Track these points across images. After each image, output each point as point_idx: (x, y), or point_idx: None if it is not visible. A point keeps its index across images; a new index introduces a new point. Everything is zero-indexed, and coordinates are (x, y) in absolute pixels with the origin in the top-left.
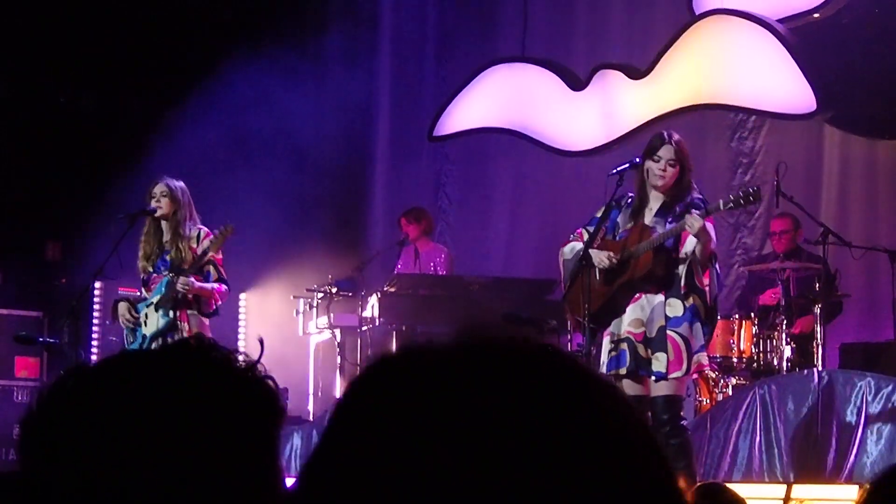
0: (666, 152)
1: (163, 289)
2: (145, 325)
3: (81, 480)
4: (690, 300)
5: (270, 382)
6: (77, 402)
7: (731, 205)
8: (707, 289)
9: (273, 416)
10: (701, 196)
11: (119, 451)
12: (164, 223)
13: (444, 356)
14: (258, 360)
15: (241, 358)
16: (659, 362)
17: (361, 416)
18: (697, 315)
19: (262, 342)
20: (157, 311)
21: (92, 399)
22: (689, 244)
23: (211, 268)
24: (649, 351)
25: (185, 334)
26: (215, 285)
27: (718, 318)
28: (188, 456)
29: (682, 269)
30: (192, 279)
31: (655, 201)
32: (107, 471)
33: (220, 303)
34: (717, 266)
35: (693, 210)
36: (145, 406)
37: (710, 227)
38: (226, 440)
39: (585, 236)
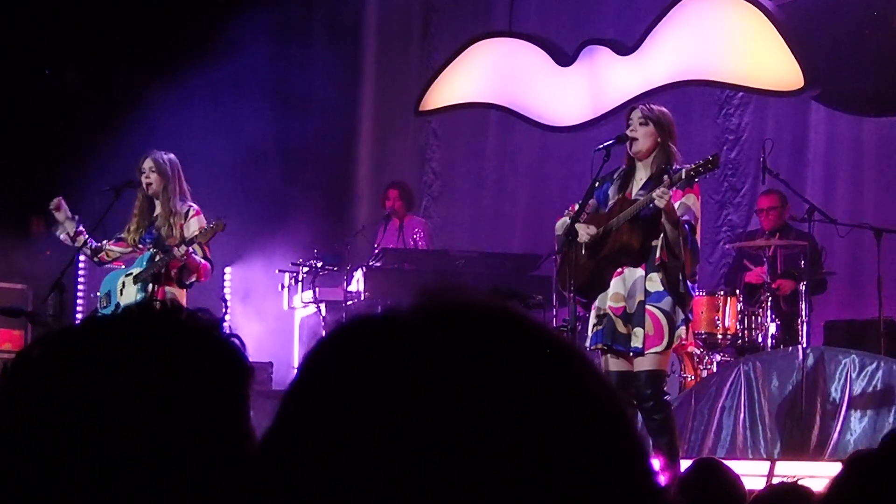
0: (634, 114)
1: (144, 263)
2: (121, 293)
3: (49, 446)
4: (661, 273)
5: (236, 341)
6: (42, 369)
7: (692, 173)
8: (675, 264)
9: (239, 375)
10: (690, 167)
11: (85, 414)
12: (155, 199)
13: (402, 323)
14: (222, 320)
15: (205, 318)
16: (637, 338)
17: (319, 389)
18: (666, 288)
19: (225, 302)
20: (135, 283)
21: (57, 366)
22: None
23: (196, 248)
24: (629, 326)
25: None
26: (202, 262)
27: (693, 293)
28: (154, 416)
29: (658, 242)
30: (191, 248)
31: (642, 172)
32: (73, 435)
33: (202, 279)
34: (694, 238)
35: (663, 185)
36: (109, 369)
37: (691, 197)
38: (192, 399)
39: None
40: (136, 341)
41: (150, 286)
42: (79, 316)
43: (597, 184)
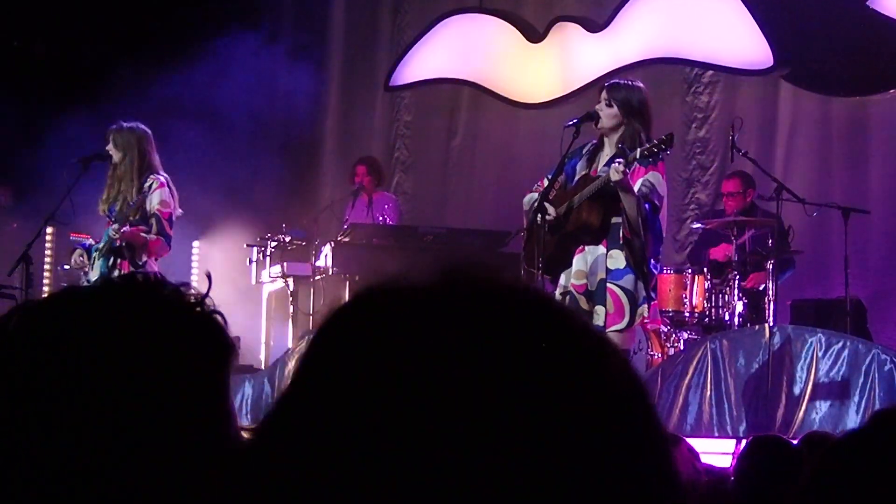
0: (602, 94)
1: (106, 237)
2: (92, 270)
3: (25, 419)
4: (626, 251)
5: (219, 318)
6: (22, 336)
7: (646, 153)
8: (637, 241)
9: (221, 351)
10: (644, 147)
11: (64, 386)
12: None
13: (425, 294)
14: (206, 296)
15: (189, 293)
16: (598, 316)
17: (337, 354)
18: (631, 266)
19: (209, 277)
20: (99, 258)
21: (37, 334)
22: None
23: (153, 220)
24: (591, 304)
25: None
26: (152, 237)
27: (656, 272)
28: (135, 391)
29: (620, 219)
30: (125, 228)
31: (609, 149)
32: (50, 408)
33: (154, 256)
34: (658, 218)
35: (617, 160)
36: (90, 340)
37: (655, 175)
38: (173, 375)
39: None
40: (116, 314)
41: (112, 260)
42: (46, 288)
43: (566, 159)
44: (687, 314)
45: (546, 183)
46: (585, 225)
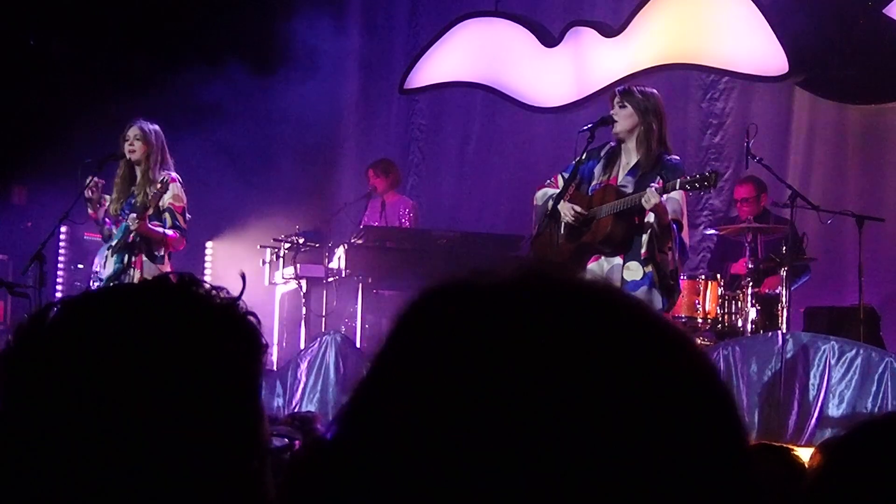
0: (615, 98)
1: (120, 234)
2: (104, 268)
3: (64, 413)
4: (650, 267)
5: (252, 319)
6: (59, 333)
7: (687, 186)
8: (664, 259)
9: (253, 352)
10: (677, 158)
11: (100, 383)
12: (136, 167)
13: (499, 290)
14: (239, 297)
15: (222, 295)
16: None
17: (418, 351)
18: (655, 283)
19: (244, 277)
20: (112, 255)
21: (74, 331)
22: (652, 215)
23: (167, 215)
24: None
25: (136, 280)
26: (168, 231)
27: (680, 287)
28: (169, 390)
29: (644, 236)
30: (148, 219)
31: (627, 156)
32: (88, 403)
33: (171, 250)
34: (682, 236)
35: (652, 184)
36: (126, 339)
37: (678, 196)
38: (206, 375)
39: (560, 182)
40: (152, 311)
41: (126, 257)
42: (59, 287)
43: (580, 163)
44: (700, 320)
45: (559, 179)
46: (608, 238)
